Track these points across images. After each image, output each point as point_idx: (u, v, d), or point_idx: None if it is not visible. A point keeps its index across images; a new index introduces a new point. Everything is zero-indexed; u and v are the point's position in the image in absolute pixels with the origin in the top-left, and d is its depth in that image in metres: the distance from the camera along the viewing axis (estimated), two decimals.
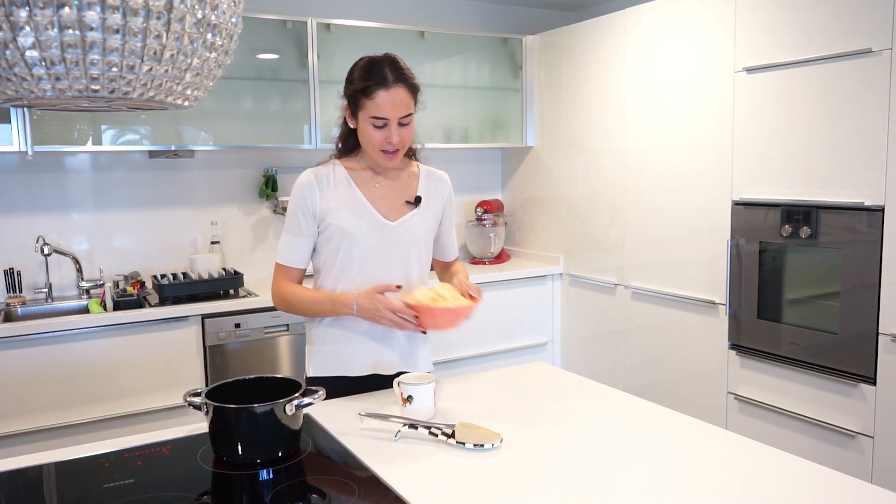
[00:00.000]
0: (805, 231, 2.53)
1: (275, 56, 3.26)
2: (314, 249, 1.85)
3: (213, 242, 3.40)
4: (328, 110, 3.33)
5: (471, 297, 1.74)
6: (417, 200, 1.86)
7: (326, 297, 1.78)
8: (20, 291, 3.06)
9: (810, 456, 2.57)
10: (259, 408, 1.37)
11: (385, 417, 1.53)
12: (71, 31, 0.93)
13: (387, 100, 1.69)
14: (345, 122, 1.83)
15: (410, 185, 1.88)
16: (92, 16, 0.93)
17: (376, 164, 1.81)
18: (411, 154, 1.92)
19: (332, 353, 1.84)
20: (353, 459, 1.39)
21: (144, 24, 0.96)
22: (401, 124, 1.73)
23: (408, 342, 1.87)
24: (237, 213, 3.52)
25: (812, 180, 2.52)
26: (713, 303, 2.93)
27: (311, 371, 1.87)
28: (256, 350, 3.01)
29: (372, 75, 1.71)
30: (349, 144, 1.85)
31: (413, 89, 1.75)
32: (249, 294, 3.10)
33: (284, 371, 3.07)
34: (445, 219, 1.96)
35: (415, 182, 1.89)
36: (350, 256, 1.80)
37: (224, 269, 3.29)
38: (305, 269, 1.86)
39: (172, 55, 1.02)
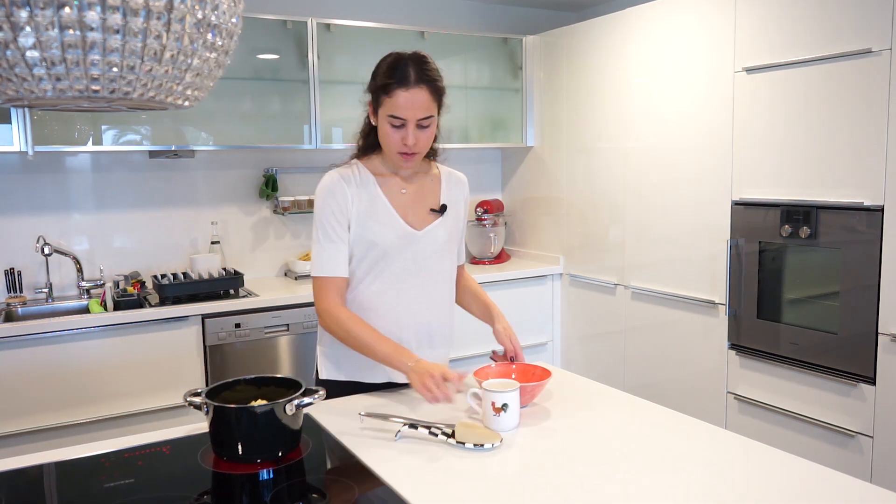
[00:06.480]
0: (805, 231, 2.53)
1: (275, 56, 3.26)
2: None
3: (213, 242, 3.41)
4: (328, 110, 3.33)
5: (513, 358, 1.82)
6: (443, 209, 1.80)
7: (388, 349, 1.65)
8: (20, 291, 3.06)
9: (810, 456, 2.57)
10: (259, 408, 1.37)
11: (385, 417, 1.53)
12: (71, 31, 0.93)
13: (406, 100, 1.63)
14: (367, 119, 1.76)
15: (434, 190, 1.83)
16: (92, 16, 0.93)
17: (394, 166, 1.76)
18: (432, 155, 1.84)
19: (346, 358, 1.78)
20: (353, 459, 1.39)
21: (145, 25, 0.96)
22: (420, 126, 1.66)
23: (430, 350, 1.82)
24: (237, 213, 3.52)
25: (811, 180, 2.52)
26: (713, 303, 2.93)
27: (323, 374, 1.83)
28: (256, 350, 3.01)
29: (395, 73, 1.64)
30: (369, 141, 1.78)
31: (437, 91, 1.68)
32: (250, 294, 3.11)
33: (284, 371, 3.07)
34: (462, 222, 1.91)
35: (437, 186, 1.84)
36: (376, 266, 1.75)
37: (224, 269, 3.30)
38: (348, 278, 1.75)
39: (173, 55, 1.02)
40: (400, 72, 1.64)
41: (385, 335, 1.74)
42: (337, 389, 1.77)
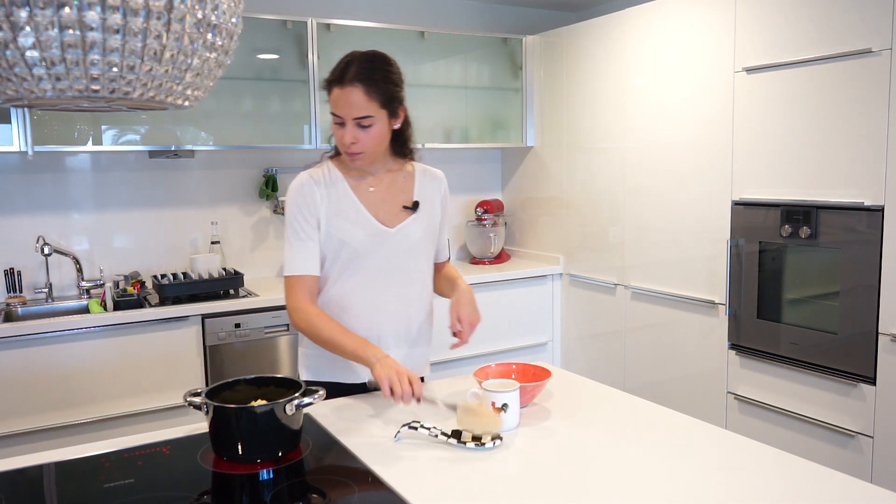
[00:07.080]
0: (805, 231, 2.53)
1: (275, 56, 3.26)
2: None
3: (213, 242, 3.41)
4: (328, 110, 3.33)
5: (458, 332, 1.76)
6: (415, 206, 1.79)
7: (355, 343, 1.63)
8: (20, 291, 3.06)
9: (810, 456, 2.57)
10: (259, 408, 1.37)
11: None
12: (71, 31, 0.93)
13: (339, 98, 1.65)
14: None
15: (406, 187, 1.82)
16: (92, 16, 0.93)
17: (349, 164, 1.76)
18: (408, 154, 1.84)
19: (326, 358, 1.77)
20: (353, 459, 1.39)
21: (145, 25, 0.96)
22: (360, 126, 1.66)
23: (409, 349, 1.82)
24: (237, 213, 3.52)
25: (812, 180, 2.52)
26: (713, 303, 2.93)
27: (305, 375, 1.83)
28: (256, 350, 3.01)
29: (336, 71, 1.67)
30: None
31: (378, 91, 1.65)
32: (249, 294, 3.10)
33: (284, 371, 3.07)
34: (441, 218, 1.90)
35: (410, 183, 1.83)
36: (350, 266, 1.75)
37: (224, 269, 3.29)
38: (319, 276, 1.76)
39: (173, 55, 1.02)
40: (340, 70, 1.66)
41: (363, 334, 1.73)
42: None
